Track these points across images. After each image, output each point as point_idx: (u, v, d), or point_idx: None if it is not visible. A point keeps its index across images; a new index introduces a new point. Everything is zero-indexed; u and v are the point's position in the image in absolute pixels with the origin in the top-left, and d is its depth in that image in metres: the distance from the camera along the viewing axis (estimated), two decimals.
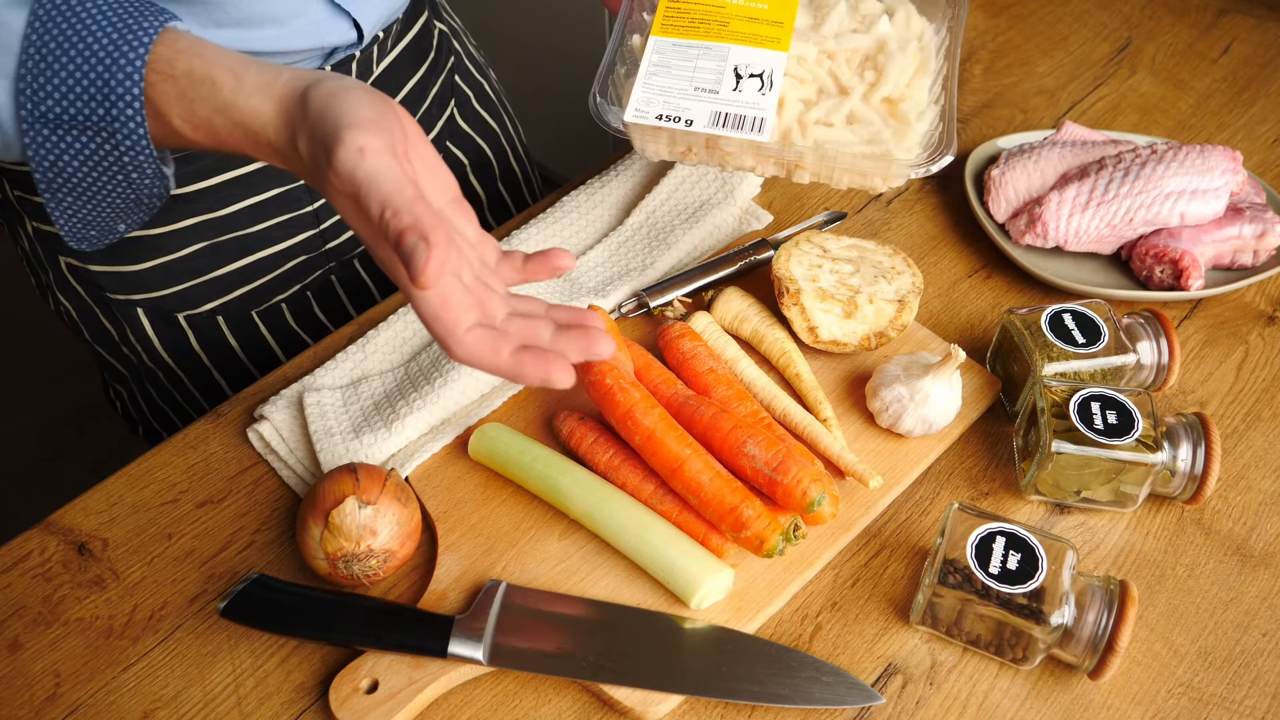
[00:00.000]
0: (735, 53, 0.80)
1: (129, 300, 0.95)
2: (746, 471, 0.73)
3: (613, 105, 0.79)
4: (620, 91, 0.81)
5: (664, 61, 0.80)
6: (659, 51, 0.81)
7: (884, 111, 0.80)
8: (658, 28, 0.82)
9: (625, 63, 0.83)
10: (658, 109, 0.78)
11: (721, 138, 0.77)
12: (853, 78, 0.80)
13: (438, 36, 1.04)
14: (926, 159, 0.76)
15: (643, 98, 0.79)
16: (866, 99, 0.80)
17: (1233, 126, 1.09)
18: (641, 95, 0.79)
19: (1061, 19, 1.20)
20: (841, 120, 0.79)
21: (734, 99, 0.78)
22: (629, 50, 0.83)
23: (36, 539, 0.77)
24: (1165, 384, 0.83)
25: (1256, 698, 0.70)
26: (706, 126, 0.77)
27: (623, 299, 0.89)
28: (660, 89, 0.79)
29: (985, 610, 0.68)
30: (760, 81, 0.78)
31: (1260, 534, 0.78)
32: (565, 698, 0.69)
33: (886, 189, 0.82)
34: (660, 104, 0.78)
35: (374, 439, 0.79)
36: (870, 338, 0.84)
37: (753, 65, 0.79)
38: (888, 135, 0.78)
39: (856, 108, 0.79)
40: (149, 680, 0.71)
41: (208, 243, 0.93)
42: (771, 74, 0.78)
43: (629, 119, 0.78)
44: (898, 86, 0.80)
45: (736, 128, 0.77)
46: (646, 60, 0.80)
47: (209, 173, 0.89)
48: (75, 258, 0.93)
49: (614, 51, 0.82)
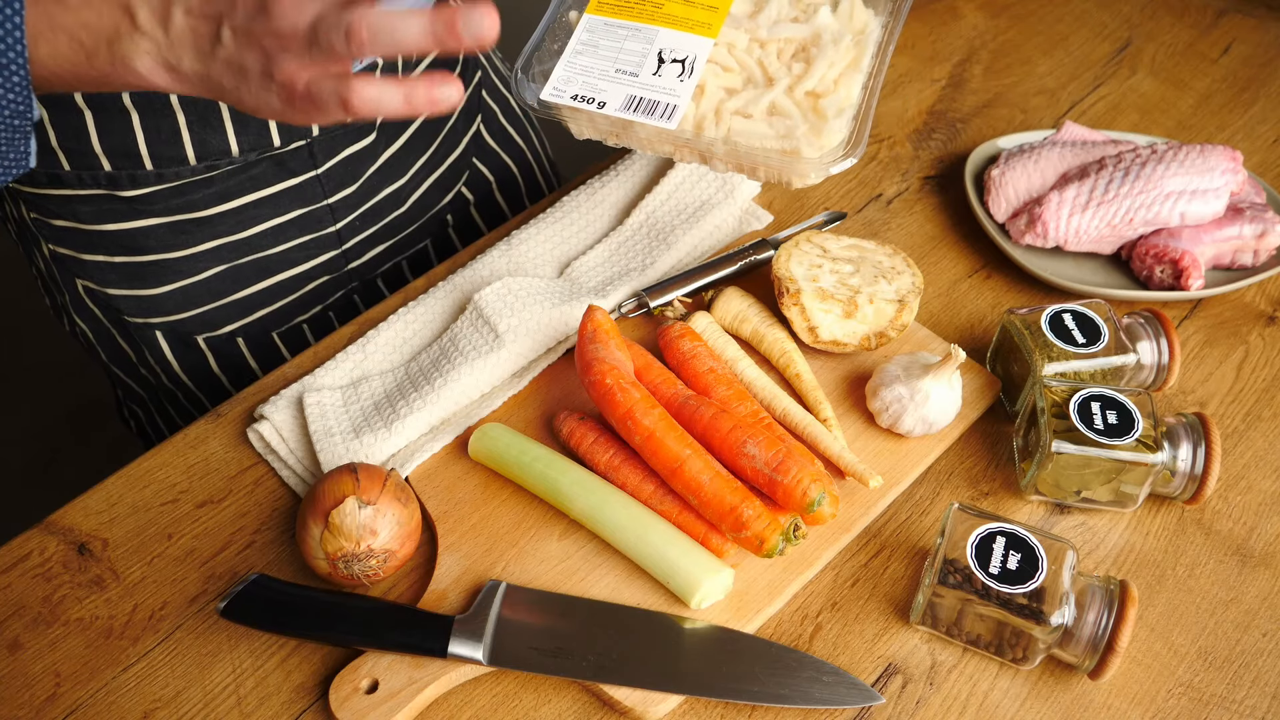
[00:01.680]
0: (663, 36, 0.77)
1: (147, 324, 0.94)
2: (746, 471, 0.73)
3: (533, 82, 0.77)
4: (547, 68, 0.79)
5: (592, 40, 0.78)
6: (589, 30, 0.79)
7: (807, 106, 0.77)
8: (593, 5, 0.80)
9: (559, 39, 0.80)
10: (575, 89, 0.76)
11: (634, 123, 0.75)
12: (780, 69, 0.78)
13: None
14: (830, 160, 0.73)
15: (563, 76, 0.77)
16: (790, 91, 0.77)
17: (1233, 126, 1.09)
18: (562, 74, 0.77)
19: (1061, 19, 1.20)
20: (761, 112, 0.76)
21: (651, 84, 0.75)
22: (563, 26, 0.81)
23: (36, 539, 0.77)
24: (1165, 384, 0.83)
25: (1256, 698, 0.70)
26: (618, 110, 0.75)
27: (623, 299, 0.89)
28: (582, 69, 0.77)
29: (985, 610, 0.68)
30: (681, 67, 0.76)
31: (1260, 534, 0.78)
32: (565, 698, 0.69)
33: (802, 185, 0.78)
34: (579, 84, 0.76)
35: (374, 439, 0.79)
36: (870, 338, 0.84)
37: (677, 50, 0.77)
38: (802, 131, 0.75)
39: (779, 100, 0.76)
40: (149, 680, 0.71)
41: (228, 265, 0.92)
42: (694, 60, 0.76)
43: (544, 96, 0.76)
44: (824, 81, 0.77)
45: (648, 114, 0.74)
46: (575, 38, 0.78)
47: (231, 195, 0.88)
48: (92, 281, 0.92)
49: (546, 26, 0.80)
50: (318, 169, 0.91)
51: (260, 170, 0.89)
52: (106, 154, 0.83)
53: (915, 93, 1.11)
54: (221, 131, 0.84)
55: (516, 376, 0.85)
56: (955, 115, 1.09)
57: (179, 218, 0.88)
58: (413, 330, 0.87)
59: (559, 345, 0.86)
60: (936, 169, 1.04)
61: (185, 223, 0.89)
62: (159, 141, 0.83)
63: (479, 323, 0.84)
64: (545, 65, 0.79)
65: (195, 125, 0.83)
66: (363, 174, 0.95)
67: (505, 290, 0.86)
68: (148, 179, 0.85)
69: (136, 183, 0.85)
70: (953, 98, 1.11)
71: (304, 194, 0.92)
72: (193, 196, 0.88)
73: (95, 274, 0.91)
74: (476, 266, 0.91)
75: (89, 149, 0.83)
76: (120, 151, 0.83)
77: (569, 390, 0.84)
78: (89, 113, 0.81)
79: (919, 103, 1.10)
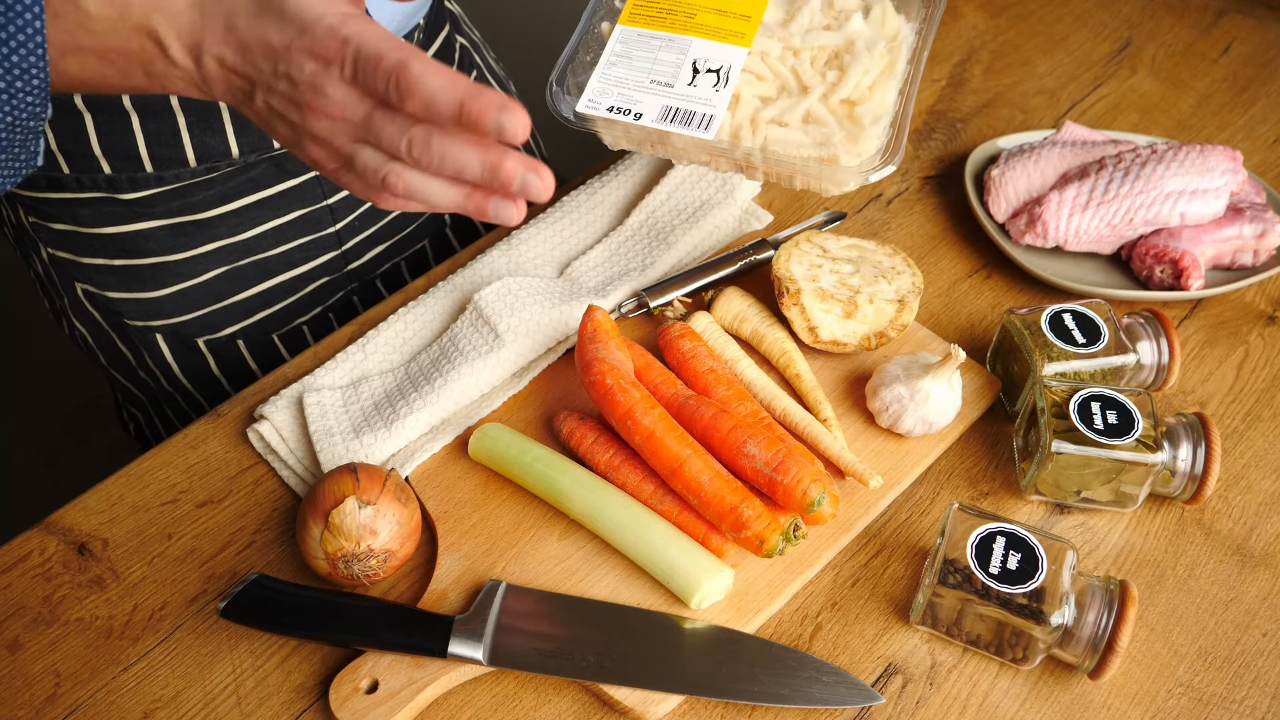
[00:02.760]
0: (697, 46, 0.77)
1: (147, 327, 0.94)
2: (746, 471, 0.73)
3: (568, 95, 0.77)
4: (581, 80, 0.79)
5: (626, 52, 0.78)
6: (622, 41, 0.79)
7: (842, 113, 0.77)
8: (625, 16, 0.80)
9: (591, 51, 0.80)
10: (611, 100, 0.76)
11: (671, 134, 0.75)
12: (814, 76, 0.78)
13: (459, 51, 1.02)
14: (870, 168, 0.73)
15: (598, 88, 0.77)
16: (825, 99, 0.77)
17: (1233, 126, 1.09)
18: (597, 85, 0.77)
19: (1061, 19, 1.20)
20: (797, 120, 0.76)
21: (687, 94, 0.75)
22: (596, 38, 0.81)
23: (36, 539, 0.77)
24: (1165, 384, 0.83)
25: (1256, 698, 0.70)
26: (655, 121, 0.75)
27: (623, 299, 0.89)
28: (617, 80, 0.77)
29: (985, 610, 0.68)
30: (716, 77, 0.76)
31: (1260, 534, 0.78)
32: (565, 698, 0.69)
33: (839, 193, 0.79)
34: (614, 95, 0.76)
35: (374, 439, 0.79)
36: (870, 338, 0.84)
37: (711, 60, 0.77)
38: (839, 139, 0.75)
39: (814, 108, 0.76)
40: (149, 680, 0.71)
41: (228, 267, 0.92)
42: (729, 70, 0.76)
43: (580, 109, 0.76)
44: (859, 88, 0.77)
45: (685, 124, 0.75)
46: (608, 49, 0.78)
47: (231, 196, 0.88)
48: (92, 284, 0.92)
49: (579, 39, 0.80)
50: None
51: (260, 172, 0.88)
52: (106, 156, 0.83)
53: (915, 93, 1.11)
54: (221, 133, 0.84)
55: (516, 376, 0.85)
56: (955, 115, 1.09)
57: (179, 220, 0.88)
58: (413, 330, 0.87)
59: (559, 345, 0.86)
60: (936, 169, 1.04)
61: (185, 225, 0.89)
62: (159, 143, 0.83)
63: (479, 323, 0.84)
64: (579, 77, 0.79)
65: (195, 127, 0.83)
66: None
67: (505, 290, 0.86)
68: (148, 181, 0.85)
69: (136, 185, 0.85)
70: (953, 98, 1.11)
71: (304, 195, 0.92)
72: (193, 198, 0.87)
73: (95, 277, 0.91)
74: (476, 266, 0.91)
75: (89, 151, 0.83)
76: (120, 153, 0.83)
77: (569, 390, 0.84)
78: (88, 114, 0.81)
79: (919, 103, 1.10)
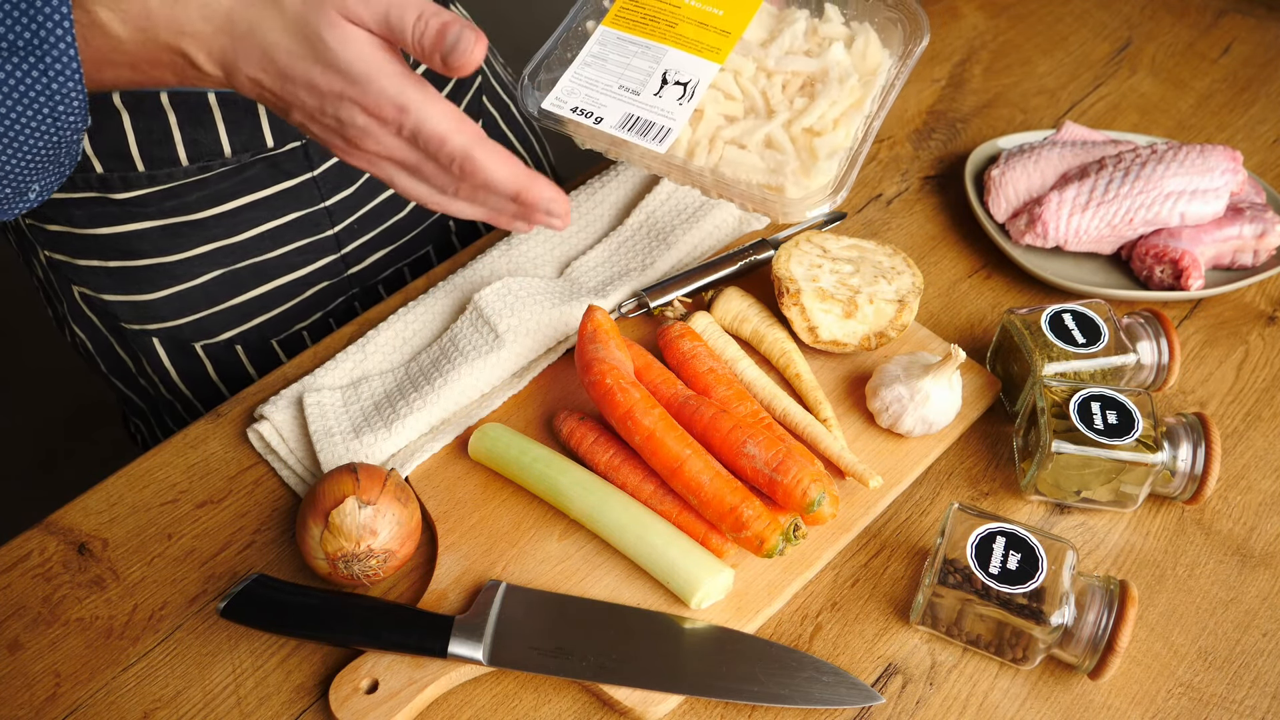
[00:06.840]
0: (671, 56, 0.76)
1: (144, 330, 0.93)
2: (746, 471, 0.73)
3: (537, 90, 0.76)
4: (554, 77, 0.77)
5: (603, 54, 0.77)
6: (602, 43, 0.78)
7: (804, 143, 0.75)
8: (610, 18, 0.79)
9: (572, 48, 0.79)
10: (577, 101, 0.75)
11: (626, 142, 0.74)
12: (783, 101, 0.76)
13: None
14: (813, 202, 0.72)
15: (567, 87, 0.76)
16: (788, 126, 0.75)
17: (1233, 126, 1.09)
18: (567, 85, 0.76)
19: (1061, 19, 1.21)
20: (756, 143, 0.75)
21: (651, 104, 0.74)
22: (579, 35, 0.80)
23: (36, 539, 0.77)
24: (1165, 384, 0.83)
25: (1256, 698, 0.70)
26: (614, 128, 0.73)
27: (623, 299, 0.89)
28: (588, 81, 0.76)
29: (985, 610, 0.68)
30: (683, 90, 0.74)
31: (1260, 534, 0.78)
32: (565, 698, 0.69)
33: (783, 223, 0.79)
34: (581, 96, 0.75)
35: (374, 439, 0.79)
36: (870, 338, 0.84)
37: (682, 73, 0.75)
38: (792, 168, 0.73)
39: (775, 133, 0.75)
40: (149, 680, 0.71)
41: (224, 270, 0.92)
42: (696, 85, 0.74)
43: (545, 106, 0.75)
44: (823, 119, 0.75)
45: (642, 134, 0.73)
46: (585, 50, 0.77)
47: (224, 197, 0.88)
48: (88, 287, 0.92)
49: (561, 34, 0.79)
50: (314, 170, 0.90)
51: (254, 172, 0.88)
52: (98, 155, 0.82)
53: (915, 93, 1.11)
54: (213, 131, 0.83)
55: (516, 376, 0.85)
56: (955, 115, 1.09)
57: (172, 220, 0.88)
58: (413, 330, 0.87)
59: (559, 345, 0.86)
60: (936, 169, 1.04)
61: (178, 225, 0.88)
62: (150, 142, 0.82)
63: (479, 323, 0.84)
64: (553, 74, 0.78)
65: (186, 125, 0.82)
66: (360, 176, 0.94)
67: (505, 290, 0.86)
68: (139, 181, 0.85)
69: (128, 185, 0.85)
70: (953, 98, 1.11)
71: (300, 196, 0.91)
72: (186, 199, 0.87)
73: (90, 279, 0.91)
74: (476, 267, 0.91)
75: (80, 150, 0.82)
76: (111, 152, 0.83)
77: (569, 390, 0.84)
78: None
79: (919, 103, 1.10)
